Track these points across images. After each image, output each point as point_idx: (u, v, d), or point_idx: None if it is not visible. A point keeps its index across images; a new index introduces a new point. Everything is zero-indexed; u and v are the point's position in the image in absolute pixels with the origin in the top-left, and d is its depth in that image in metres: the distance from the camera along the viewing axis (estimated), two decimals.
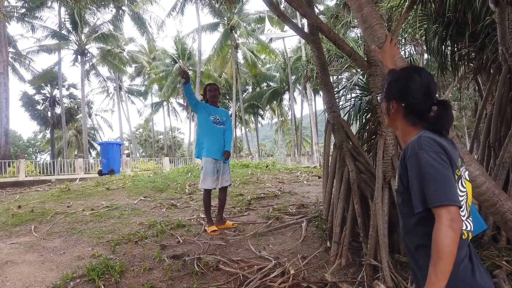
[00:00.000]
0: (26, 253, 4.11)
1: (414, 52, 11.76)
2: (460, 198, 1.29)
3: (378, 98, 1.63)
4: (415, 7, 5.51)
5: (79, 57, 29.71)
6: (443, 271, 1.16)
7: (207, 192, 4.87)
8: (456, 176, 1.30)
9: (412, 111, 1.43)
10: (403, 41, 8.36)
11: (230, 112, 41.16)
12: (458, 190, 1.29)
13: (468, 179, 1.42)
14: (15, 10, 25.17)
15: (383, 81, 1.58)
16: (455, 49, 5.73)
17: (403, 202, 1.41)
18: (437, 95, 1.47)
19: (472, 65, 5.82)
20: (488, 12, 4.65)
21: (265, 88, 41.59)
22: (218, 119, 4.93)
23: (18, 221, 5.29)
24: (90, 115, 44.37)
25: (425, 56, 10.82)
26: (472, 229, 1.38)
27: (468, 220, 1.37)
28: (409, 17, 6.29)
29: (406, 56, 8.43)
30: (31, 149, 56.93)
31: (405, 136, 1.46)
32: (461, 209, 1.29)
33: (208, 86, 5.11)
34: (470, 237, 1.36)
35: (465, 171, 1.41)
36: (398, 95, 1.45)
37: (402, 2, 6.29)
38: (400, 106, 1.44)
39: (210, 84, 5.22)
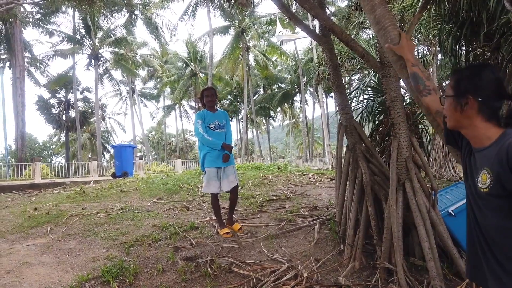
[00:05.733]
0: (42, 254, 4.18)
1: (427, 53, 11.62)
2: None
3: (441, 98, 1.58)
4: (428, 7, 5.45)
5: (93, 61, 30.18)
6: None
7: (214, 196, 4.81)
8: None
9: (487, 106, 1.38)
10: (416, 41, 8.27)
11: (241, 115, 41.13)
12: None
13: None
14: (30, 15, 25.71)
15: (451, 81, 1.51)
16: (470, 49, 5.64)
17: (499, 207, 1.32)
18: None
19: None
20: (503, 11, 4.56)
21: (276, 90, 41.61)
22: (218, 124, 4.83)
23: (34, 223, 5.39)
24: (103, 118, 44.99)
25: (439, 56, 10.69)
26: None
27: None
28: (422, 17, 6.22)
29: (420, 56, 8.34)
30: (46, 152, 57.95)
31: (480, 132, 1.40)
32: None
33: (205, 91, 4.96)
34: None
35: None
36: (474, 89, 1.40)
37: (415, 2, 6.23)
38: (475, 101, 1.39)
39: (206, 88, 5.07)
